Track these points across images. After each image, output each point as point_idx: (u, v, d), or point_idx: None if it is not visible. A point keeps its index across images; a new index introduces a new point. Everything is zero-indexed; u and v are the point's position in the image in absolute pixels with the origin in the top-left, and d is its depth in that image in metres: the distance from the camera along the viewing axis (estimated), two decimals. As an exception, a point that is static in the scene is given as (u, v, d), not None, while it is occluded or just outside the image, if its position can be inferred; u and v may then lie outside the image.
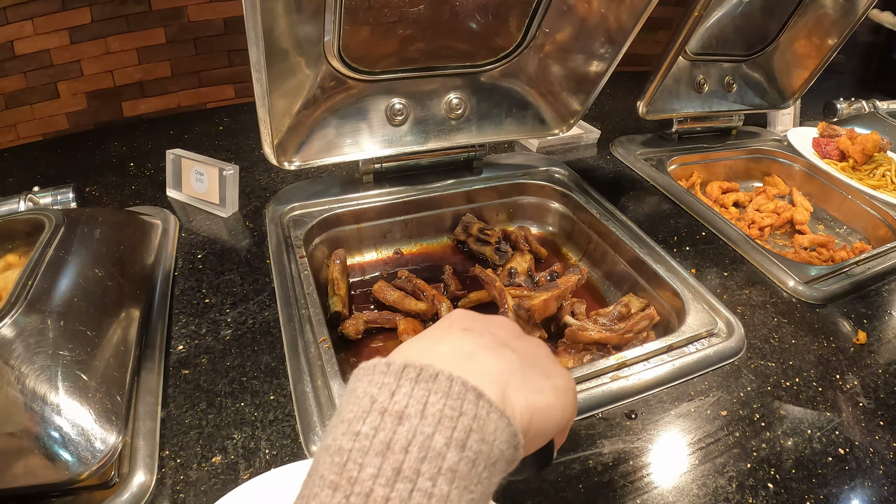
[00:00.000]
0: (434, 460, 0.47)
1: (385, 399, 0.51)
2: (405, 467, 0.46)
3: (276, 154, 1.49)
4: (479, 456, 0.50)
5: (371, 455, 0.47)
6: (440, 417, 0.50)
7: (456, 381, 0.52)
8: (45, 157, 2.00)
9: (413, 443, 0.48)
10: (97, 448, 0.92)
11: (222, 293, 1.40)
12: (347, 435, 0.49)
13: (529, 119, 1.83)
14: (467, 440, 0.50)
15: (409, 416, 0.49)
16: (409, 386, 0.52)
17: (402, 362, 0.53)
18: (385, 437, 0.48)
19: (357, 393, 0.53)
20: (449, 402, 0.51)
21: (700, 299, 1.46)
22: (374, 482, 0.45)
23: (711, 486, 1.06)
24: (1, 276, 1.20)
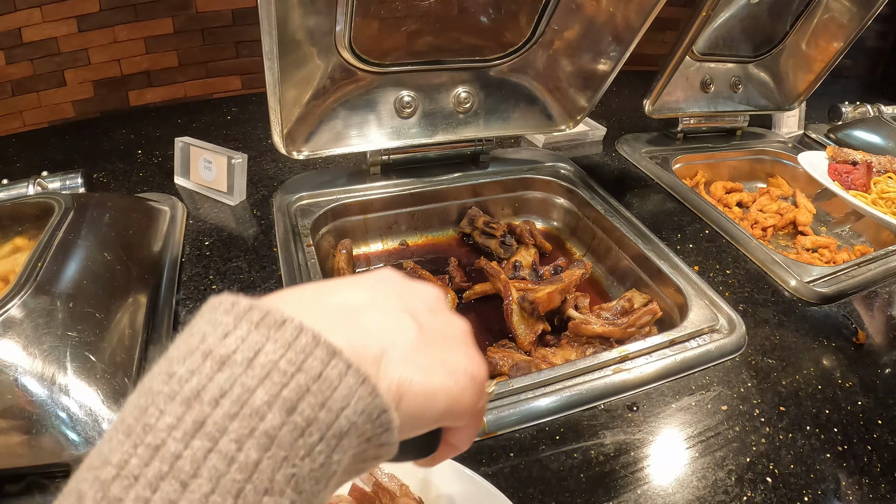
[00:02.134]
0: (247, 419, 0.39)
1: (215, 340, 0.42)
2: (209, 422, 0.39)
3: (286, 143, 1.49)
4: (313, 424, 0.41)
5: (176, 402, 0.39)
6: (270, 370, 0.41)
7: (306, 332, 0.43)
8: (53, 144, 2.00)
9: (227, 395, 0.40)
10: (104, 428, 0.93)
11: (229, 280, 1.41)
12: (161, 375, 0.41)
13: (536, 114, 1.84)
14: (299, 403, 0.41)
15: (233, 364, 0.41)
16: (246, 329, 0.42)
17: (250, 303, 0.44)
18: (198, 383, 0.40)
19: (192, 330, 0.44)
20: (288, 354, 0.42)
21: (702, 296, 1.46)
22: (168, 434, 0.38)
23: (711, 479, 1.07)
24: (10, 259, 1.20)
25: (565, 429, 1.13)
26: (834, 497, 1.07)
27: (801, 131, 2.58)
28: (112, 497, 0.36)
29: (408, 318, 0.52)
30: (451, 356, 0.53)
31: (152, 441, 0.37)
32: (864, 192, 1.78)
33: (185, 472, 0.37)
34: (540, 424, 1.14)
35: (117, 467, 0.37)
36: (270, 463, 0.39)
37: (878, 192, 1.75)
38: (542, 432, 1.12)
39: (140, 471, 0.36)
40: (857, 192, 1.77)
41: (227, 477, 0.37)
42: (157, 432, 0.38)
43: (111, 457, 0.37)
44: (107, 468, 0.37)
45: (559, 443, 1.10)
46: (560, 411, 1.16)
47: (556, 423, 1.14)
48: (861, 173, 1.79)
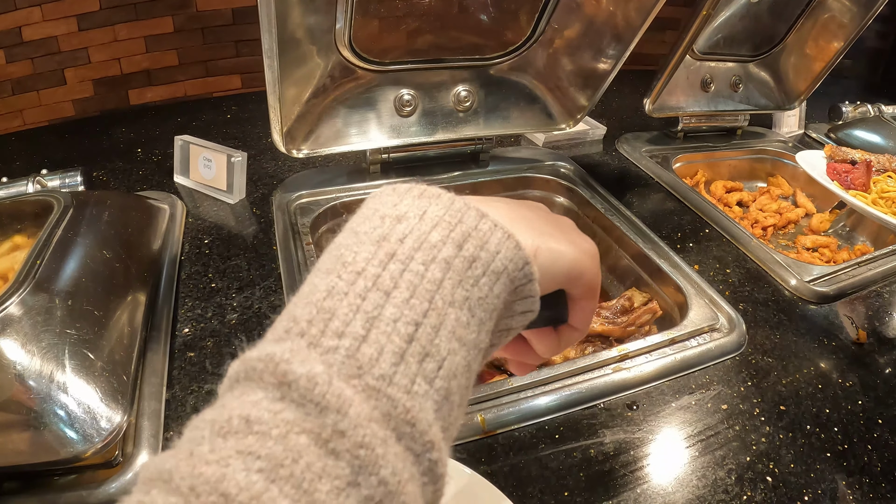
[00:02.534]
0: (428, 250, 0.48)
1: (387, 209, 0.52)
2: (399, 252, 0.48)
3: (285, 142, 1.49)
4: (478, 260, 0.50)
5: (366, 245, 0.49)
6: (438, 221, 0.50)
7: (458, 200, 0.53)
8: (53, 142, 2.00)
9: (409, 236, 0.49)
10: (102, 426, 0.93)
11: (229, 278, 1.41)
12: (347, 235, 0.51)
13: (537, 113, 1.84)
14: (464, 243, 0.50)
15: (408, 218, 0.50)
16: (411, 199, 0.52)
17: (409, 185, 0.55)
18: (382, 232, 0.49)
19: (362, 210, 0.54)
20: (449, 212, 0.51)
21: (702, 295, 1.46)
22: (366, 263, 0.47)
23: (711, 478, 1.06)
24: (9, 257, 1.20)
25: (565, 427, 1.13)
26: (834, 497, 1.07)
27: (801, 131, 2.58)
28: (326, 308, 0.44)
29: (526, 208, 0.63)
30: (569, 234, 0.63)
31: (353, 269, 0.47)
32: (863, 192, 1.77)
33: (386, 284, 0.46)
34: (539, 423, 1.13)
35: (326, 291, 0.46)
36: (450, 283, 0.48)
37: (878, 192, 1.74)
38: (542, 431, 1.12)
39: (348, 288, 0.45)
40: (857, 192, 1.76)
41: (421, 287, 0.46)
42: (356, 264, 0.47)
43: (317, 287, 0.46)
44: (315, 293, 0.46)
45: (558, 441, 1.10)
46: (559, 410, 1.16)
47: (555, 421, 1.14)
48: (860, 173, 1.78)
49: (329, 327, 0.44)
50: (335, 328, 0.44)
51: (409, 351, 0.44)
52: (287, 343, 0.43)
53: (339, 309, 0.44)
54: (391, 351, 0.44)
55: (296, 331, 0.44)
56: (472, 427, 1.10)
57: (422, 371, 0.45)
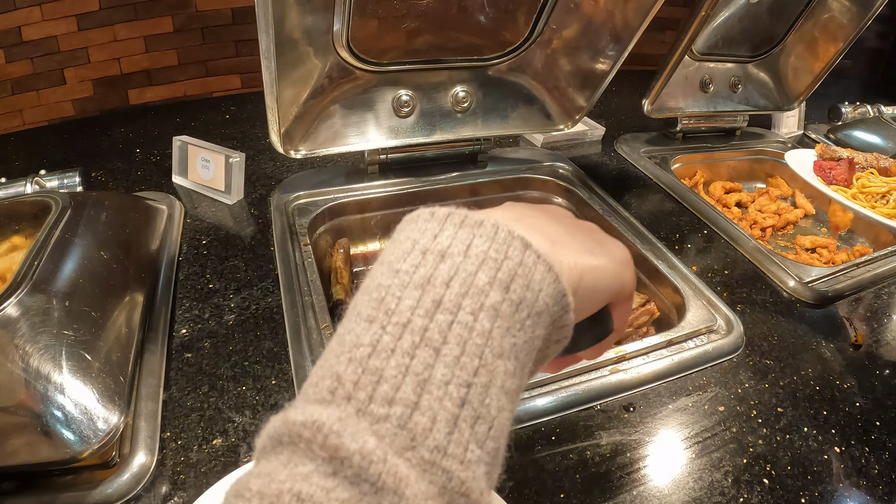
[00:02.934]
0: (476, 296, 0.46)
1: (427, 241, 0.50)
2: (445, 300, 0.46)
3: (283, 142, 1.49)
4: (524, 302, 0.49)
5: (410, 289, 0.47)
6: (484, 258, 0.48)
7: (502, 228, 0.51)
8: (52, 142, 2.00)
9: (455, 278, 0.47)
10: (99, 427, 0.93)
11: (226, 279, 1.41)
12: (386, 274, 0.49)
13: (535, 114, 1.84)
14: (511, 283, 0.48)
15: (452, 255, 0.48)
16: (454, 230, 0.50)
17: (447, 210, 0.52)
18: (425, 272, 0.47)
19: (399, 238, 0.52)
20: (494, 245, 0.49)
21: (700, 296, 1.46)
22: (412, 313, 0.45)
23: (707, 480, 1.06)
24: (7, 258, 1.20)
25: (561, 429, 1.13)
26: (831, 499, 1.07)
27: (800, 131, 2.58)
28: (372, 368, 0.43)
29: (558, 220, 0.61)
30: (605, 245, 0.63)
31: (399, 320, 0.44)
32: (845, 187, 1.78)
33: (435, 340, 0.44)
34: (536, 424, 1.13)
35: (370, 346, 0.44)
36: (499, 332, 0.46)
37: (858, 187, 1.75)
38: (538, 432, 1.12)
39: (395, 344, 0.43)
40: (839, 187, 1.77)
41: (471, 342, 0.45)
42: (400, 314, 0.45)
43: (361, 339, 0.44)
44: (360, 349, 0.44)
45: (555, 443, 1.10)
46: (556, 411, 1.16)
47: (552, 423, 1.14)
48: (843, 169, 1.80)
49: (378, 392, 0.42)
50: (384, 393, 0.42)
51: (462, 416, 0.43)
52: (333, 408, 0.42)
53: (386, 370, 0.42)
54: (444, 419, 0.42)
55: (342, 393, 0.42)
56: (468, 429, 1.09)
57: (474, 436, 0.43)
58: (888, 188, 1.72)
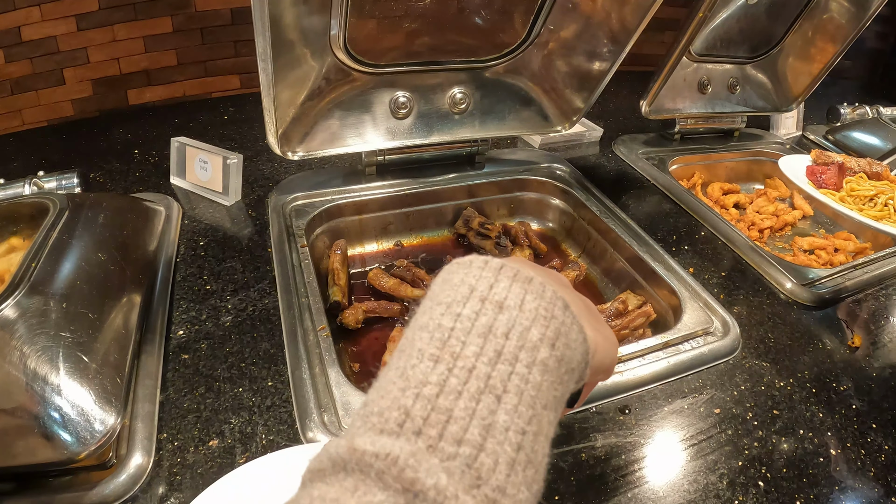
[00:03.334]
0: (531, 350, 0.51)
1: (485, 289, 0.54)
2: (506, 351, 0.50)
3: (280, 144, 1.50)
4: (565, 358, 0.54)
5: (473, 335, 0.50)
6: (536, 315, 0.53)
7: (548, 287, 0.56)
8: (50, 143, 2.01)
9: (513, 331, 0.51)
10: (96, 429, 0.93)
11: (223, 280, 1.41)
12: (448, 315, 0.53)
13: (532, 115, 1.84)
14: (557, 341, 0.53)
15: (509, 308, 0.53)
16: (508, 282, 0.55)
17: (500, 262, 0.57)
18: (487, 321, 0.52)
19: (453, 281, 0.56)
20: (543, 303, 0.54)
21: (697, 298, 1.46)
22: (476, 359, 0.49)
23: (702, 483, 1.07)
24: (5, 259, 1.20)
25: (556, 431, 1.13)
26: (827, 501, 1.07)
27: (799, 133, 2.58)
28: (441, 408, 0.46)
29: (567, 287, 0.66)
30: (604, 325, 0.69)
31: (464, 364, 0.48)
32: (834, 191, 1.80)
33: (497, 388, 0.48)
34: (532, 427, 1.13)
35: (438, 385, 0.47)
36: (547, 385, 0.51)
37: (847, 191, 1.77)
38: (534, 435, 1.12)
39: (462, 387, 0.47)
40: (828, 191, 1.78)
41: (526, 393, 0.49)
42: (465, 358, 0.49)
43: (428, 377, 0.48)
44: (427, 386, 0.47)
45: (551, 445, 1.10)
46: (552, 414, 1.16)
47: (547, 425, 1.14)
48: (833, 173, 1.82)
49: (448, 431, 0.45)
50: (454, 433, 0.45)
51: (518, 459, 0.47)
52: (404, 441, 0.44)
53: (455, 410, 0.46)
54: (505, 461, 0.46)
55: (411, 428, 0.45)
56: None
57: (525, 479, 0.47)
58: (876, 191, 1.73)
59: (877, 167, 1.88)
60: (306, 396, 1.13)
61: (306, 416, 1.09)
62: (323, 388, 1.15)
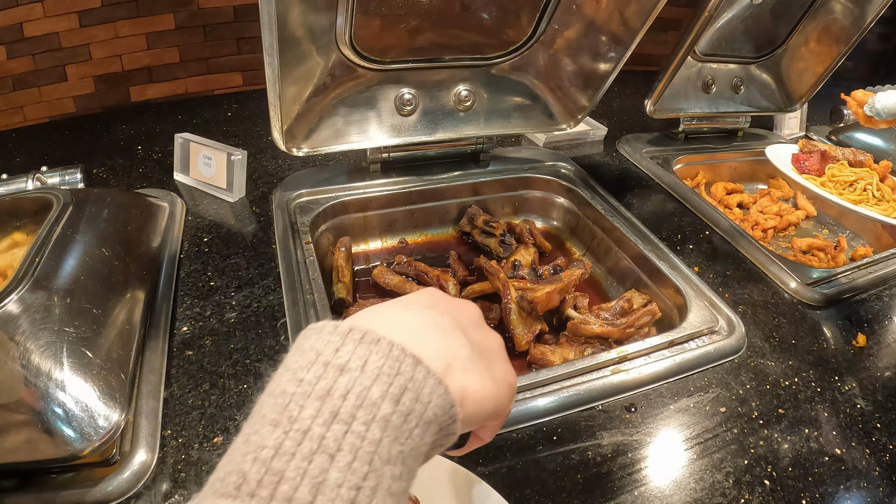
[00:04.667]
0: (369, 408, 0.52)
1: (329, 354, 0.55)
2: (342, 411, 0.51)
3: (285, 140, 1.49)
4: (413, 413, 0.54)
5: (312, 399, 0.51)
6: (378, 374, 0.54)
7: (396, 346, 0.56)
8: (53, 139, 2.00)
9: (351, 392, 0.52)
10: (100, 425, 0.93)
11: (228, 276, 1.41)
12: (292, 381, 0.53)
13: (537, 113, 1.84)
14: (402, 396, 0.54)
15: (350, 370, 0.54)
16: (353, 345, 0.56)
17: (350, 325, 0.58)
18: (326, 384, 0.52)
19: (304, 347, 0.57)
20: (388, 362, 0.55)
21: (702, 297, 1.46)
22: (312, 422, 0.50)
23: (708, 481, 1.06)
24: (8, 254, 1.20)
25: (563, 429, 1.13)
26: (832, 501, 1.07)
27: (802, 133, 2.58)
28: (275, 469, 0.47)
29: (461, 336, 0.65)
30: (495, 368, 0.67)
31: (300, 427, 0.49)
32: (817, 176, 1.81)
33: (331, 447, 0.48)
34: (537, 425, 1.13)
35: (273, 448, 0.48)
36: (388, 440, 0.51)
37: (828, 176, 1.78)
38: (540, 432, 1.12)
39: (296, 449, 0.48)
40: (810, 176, 1.79)
41: (362, 450, 0.49)
42: (301, 421, 0.49)
43: (265, 441, 0.49)
44: (264, 450, 0.48)
45: (556, 443, 1.10)
46: (558, 412, 1.16)
47: (553, 423, 1.14)
48: (815, 160, 1.82)
49: (279, 491, 0.46)
50: (284, 493, 0.46)
51: None
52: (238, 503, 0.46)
53: (287, 471, 0.47)
54: None
55: (246, 490, 0.47)
56: (469, 428, 1.09)
57: None
58: (856, 177, 1.74)
59: (860, 156, 1.89)
60: (311, 394, 1.12)
61: (311, 413, 1.09)
62: (328, 385, 1.14)
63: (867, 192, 1.71)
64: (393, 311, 0.65)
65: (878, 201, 1.69)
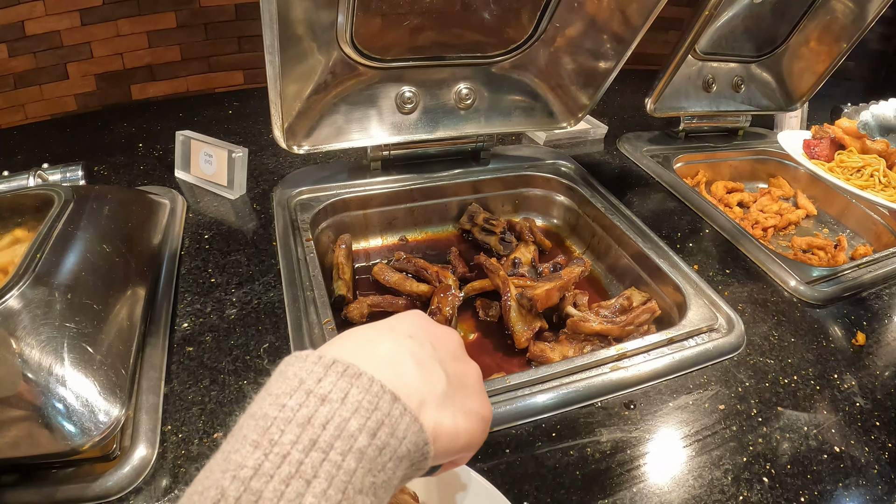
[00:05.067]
0: (347, 440, 0.53)
1: (312, 383, 0.56)
2: (321, 440, 0.52)
3: (286, 138, 1.50)
4: (387, 447, 0.56)
5: (293, 425, 0.53)
6: (357, 407, 0.56)
7: (376, 382, 0.58)
8: (54, 136, 2.01)
9: (331, 422, 0.54)
10: (100, 420, 0.93)
11: (228, 273, 1.41)
12: (274, 405, 0.55)
13: (538, 111, 1.84)
14: (378, 431, 0.56)
15: (332, 401, 0.55)
16: (335, 377, 0.57)
17: (333, 357, 0.59)
18: (308, 412, 0.54)
19: (287, 374, 0.58)
20: (367, 396, 0.57)
21: (701, 295, 1.46)
22: (292, 447, 0.51)
23: (707, 478, 1.07)
24: (9, 251, 1.20)
25: (562, 426, 1.13)
26: (830, 498, 1.07)
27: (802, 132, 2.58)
28: (253, 489, 0.48)
29: (439, 369, 0.67)
30: (470, 402, 0.69)
31: (280, 451, 0.51)
32: (825, 162, 1.81)
33: (308, 473, 0.50)
34: (536, 421, 1.14)
35: (253, 469, 0.50)
36: (362, 471, 0.53)
37: (836, 162, 1.78)
38: (539, 429, 1.12)
39: (275, 471, 0.50)
40: (819, 161, 1.79)
41: (337, 478, 0.51)
42: (282, 445, 0.51)
43: (246, 461, 0.50)
44: (244, 469, 0.50)
45: (555, 440, 1.10)
46: (557, 408, 1.16)
47: (552, 420, 1.14)
48: (825, 146, 1.83)
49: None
50: None
51: None
52: None
53: (265, 492, 0.48)
54: None
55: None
56: (469, 424, 1.09)
57: None
58: (864, 163, 1.74)
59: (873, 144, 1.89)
60: (311, 389, 1.12)
61: (311, 408, 1.09)
62: (328, 381, 1.14)
63: (874, 178, 1.72)
64: (374, 339, 0.67)
65: (885, 187, 1.69)
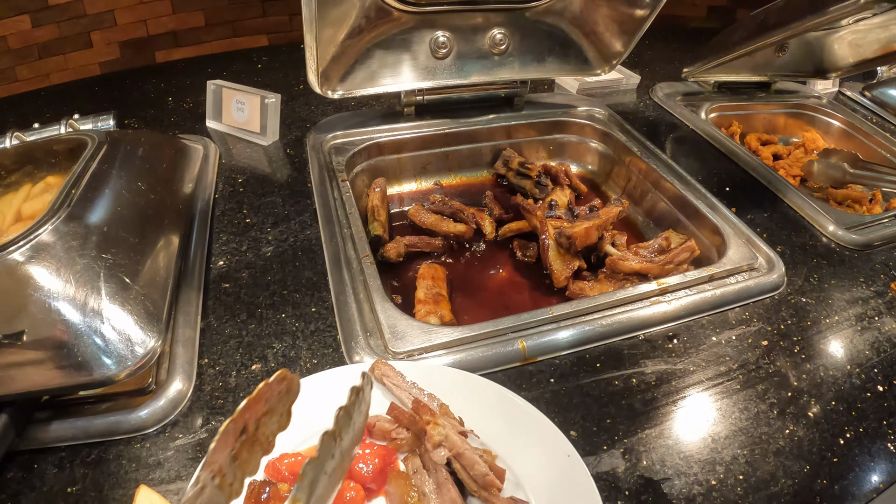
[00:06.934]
0: None
1: None
2: None
3: (320, 82, 1.49)
4: None
5: None
6: None
7: None
8: (82, 95, 2.01)
9: None
10: (136, 350, 0.93)
11: (263, 214, 1.41)
12: None
13: (572, 58, 1.82)
14: None
15: None
16: None
17: None
18: None
19: None
20: None
21: (740, 235, 1.45)
22: None
23: (753, 411, 1.06)
24: (40, 198, 1.19)
25: (606, 357, 1.13)
26: (875, 436, 1.06)
27: (835, 89, 2.54)
28: None
29: None
30: None
31: None
32: None
33: None
34: (580, 352, 1.13)
35: None
36: None
37: None
38: (583, 360, 1.12)
39: None
40: None
41: None
42: None
43: None
44: None
45: (599, 370, 1.10)
46: (600, 339, 1.16)
47: (596, 350, 1.14)
48: None
49: None
50: None
51: None
52: None
53: None
54: None
55: None
56: (513, 354, 1.10)
57: None
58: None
59: None
60: (351, 320, 1.12)
61: (352, 339, 1.09)
62: (368, 312, 1.14)
63: None
64: None
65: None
